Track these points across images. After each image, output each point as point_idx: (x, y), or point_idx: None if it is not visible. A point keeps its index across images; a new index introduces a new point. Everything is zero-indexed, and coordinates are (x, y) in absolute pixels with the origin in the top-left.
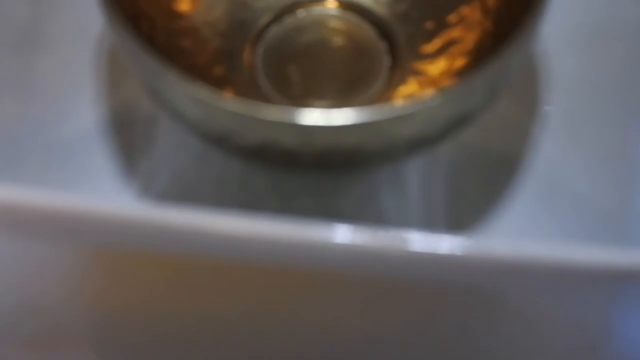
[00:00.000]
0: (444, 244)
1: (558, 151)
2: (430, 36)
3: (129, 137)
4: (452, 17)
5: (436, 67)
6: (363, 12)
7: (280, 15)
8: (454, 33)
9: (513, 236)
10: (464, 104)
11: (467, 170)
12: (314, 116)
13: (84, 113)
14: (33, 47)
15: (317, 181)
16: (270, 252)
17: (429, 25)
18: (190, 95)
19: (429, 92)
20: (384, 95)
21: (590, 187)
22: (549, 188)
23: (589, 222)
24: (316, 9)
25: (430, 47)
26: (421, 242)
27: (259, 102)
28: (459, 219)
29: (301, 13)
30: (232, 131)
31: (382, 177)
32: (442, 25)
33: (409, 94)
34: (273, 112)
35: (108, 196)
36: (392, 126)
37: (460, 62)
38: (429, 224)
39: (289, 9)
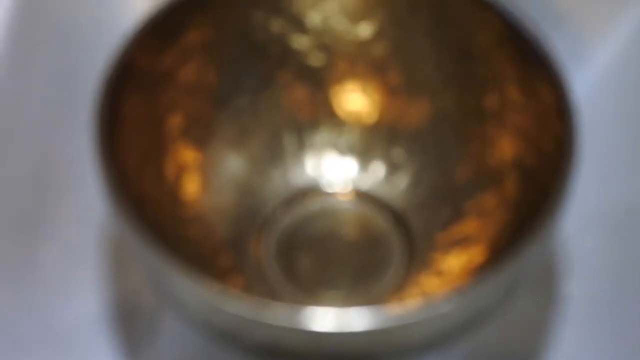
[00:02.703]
0: None
1: (579, 348)
2: (447, 227)
3: (131, 328)
4: (469, 207)
5: (454, 260)
6: (377, 201)
7: (290, 202)
8: (472, 223)
9: None
10: (481, 304)
11: None
12: (323, 321)
13: (84, 302)
14: (33, 233)
15: None
16: None
17: (446, 215)
18: (195, 294)
19: (445, 291)
20: (398, 289)
21: None
22: None
23: None
24: (328, 197)
25: (446, 238)
26: None
27: (265, 303)
28: None
29: (312, 201)
30: (238, 332)
31: None
32: (459, 216)
33: (425, 289)
34: (279, 316)
35: None
36: (405, 330)
37: (478, 255)
38: None
39: (300, 197)
